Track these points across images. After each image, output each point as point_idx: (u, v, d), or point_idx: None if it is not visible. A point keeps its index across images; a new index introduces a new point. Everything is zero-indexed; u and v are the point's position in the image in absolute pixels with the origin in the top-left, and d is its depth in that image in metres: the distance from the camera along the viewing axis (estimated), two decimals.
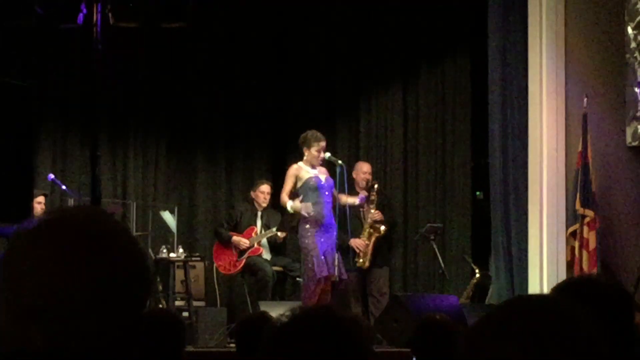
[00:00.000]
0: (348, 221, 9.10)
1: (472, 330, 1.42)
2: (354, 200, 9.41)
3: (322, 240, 8.72)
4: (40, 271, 1.27)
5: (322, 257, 8.65)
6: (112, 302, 1.29)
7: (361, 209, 9.94)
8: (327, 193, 8.89)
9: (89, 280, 1.28)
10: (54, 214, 1.35)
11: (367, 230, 9.92)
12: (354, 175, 10.16)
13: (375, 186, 10.00)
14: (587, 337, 1.39)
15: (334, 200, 9.00)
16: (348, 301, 9.74)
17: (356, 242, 9.86)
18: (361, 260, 9.87)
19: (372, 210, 9.92)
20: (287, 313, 1.73)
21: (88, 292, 1.27)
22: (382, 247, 10.23)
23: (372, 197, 9.91)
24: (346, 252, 9.66)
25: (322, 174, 8.96)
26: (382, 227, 9.94)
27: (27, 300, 1.27)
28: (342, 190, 9.09)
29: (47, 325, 1.26)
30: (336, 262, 8.76)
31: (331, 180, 8.98)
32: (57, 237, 1.30)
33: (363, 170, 10.25)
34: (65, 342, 1.26)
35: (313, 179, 8.85)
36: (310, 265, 8.70)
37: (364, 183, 10.09)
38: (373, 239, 9.93)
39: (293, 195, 8.97)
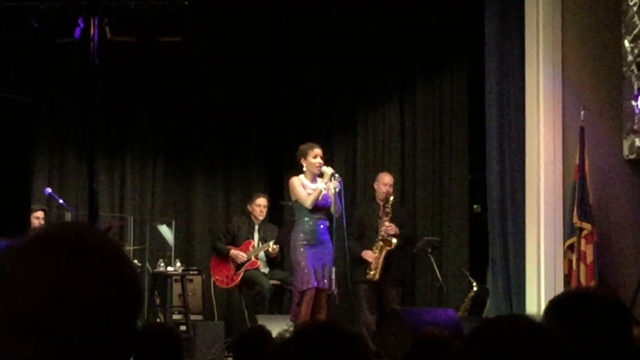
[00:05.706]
0: (344, 230, 9.06)
1: (457, 349, 1.46)
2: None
3: (312, 253, 8.69)
4: (31, 286, 1.27)
5: (312, 270, 8.62)
6: (103, 317, 1.29)
7: (378, 220, 9.87)
8: (322, 209, 8.84)
9: (79, 296, 1.28)
10: (44, 229, 1.35)
11: (379, 242, 9.78)
12: (375, 186, 10.03)
13: (391, 199, 9.82)
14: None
15: (332, 209, 8.91)
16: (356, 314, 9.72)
17: (367, 254, 9.78)
18: (372, 272, 9.73)
19: (386, 223, 9.78)
20: (291, 328, 1.73)
21: (78, 307, 1.27)
22: (399, 262, 10.15)
23: (387, 210, 9.78)
24: (358, 264, 9.70)
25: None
26: (394, 240, 9.76)
27: (18, 315, 1.27)
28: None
29: (38, 340, 1.26)
30: (332, 277, 8.74)
31: (328, 195, 8.91)
32: (47, 253, 1.30)
33: (384, 181, 9.97)
34: (57, 357, 1.26)
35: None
36: (298, 276, 8.70)
37: (384, 195, 9.84)
38: (384, 252, 9.75)
39: (291, 207, 8.97)
